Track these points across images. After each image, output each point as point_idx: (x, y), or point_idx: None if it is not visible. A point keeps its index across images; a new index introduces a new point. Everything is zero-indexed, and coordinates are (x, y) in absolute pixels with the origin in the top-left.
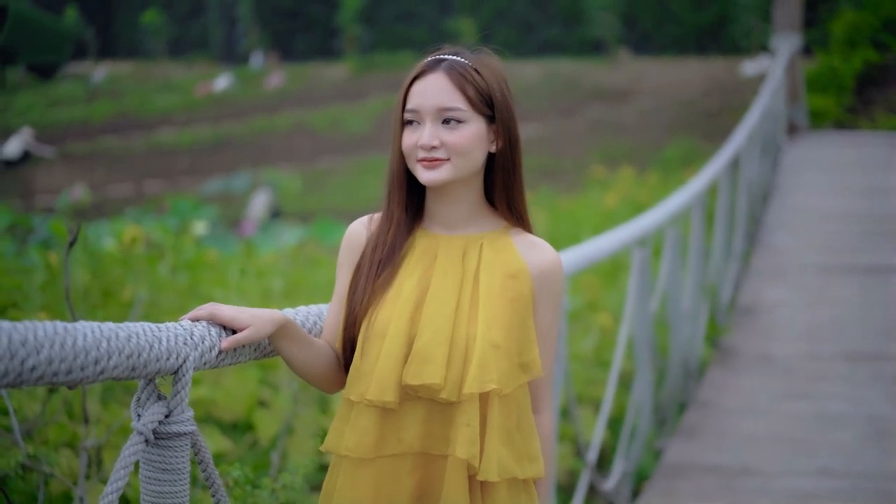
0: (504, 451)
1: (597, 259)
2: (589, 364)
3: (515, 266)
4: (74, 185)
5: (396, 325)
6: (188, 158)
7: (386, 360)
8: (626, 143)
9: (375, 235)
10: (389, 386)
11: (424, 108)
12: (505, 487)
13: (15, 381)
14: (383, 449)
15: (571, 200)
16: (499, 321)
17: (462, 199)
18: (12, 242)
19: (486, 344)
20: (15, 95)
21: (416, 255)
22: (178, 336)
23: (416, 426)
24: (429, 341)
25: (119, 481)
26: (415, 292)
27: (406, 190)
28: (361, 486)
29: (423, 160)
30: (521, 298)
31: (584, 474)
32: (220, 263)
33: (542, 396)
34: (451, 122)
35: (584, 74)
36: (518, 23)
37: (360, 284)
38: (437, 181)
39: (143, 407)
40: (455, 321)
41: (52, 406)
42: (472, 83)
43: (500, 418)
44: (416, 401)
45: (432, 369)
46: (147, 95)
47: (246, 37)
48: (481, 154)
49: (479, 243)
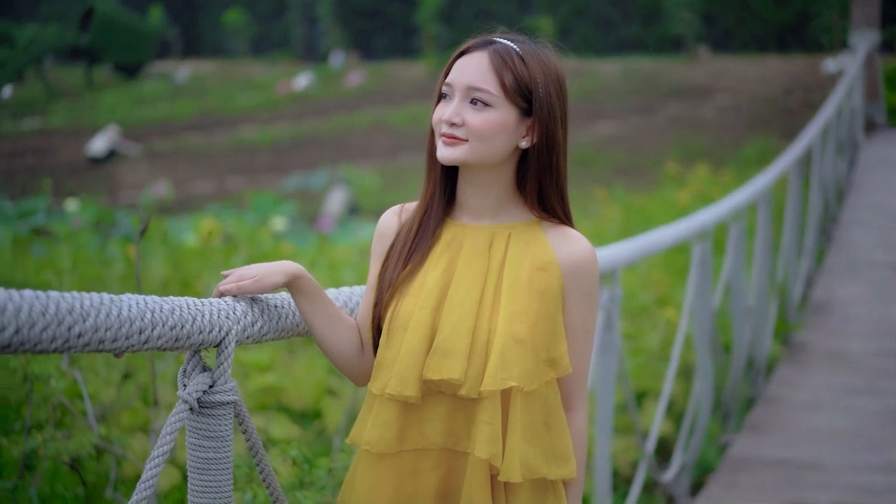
0: (530, 451)
1: (653, 251)
2: (654, 358)
3: (545, 258)
4: (158, 181)
5: (418, 318)
6: (269, 156)
7: (407, 353)
8: (704, 141)
9: (407, 224)
10: (410, 380)
11: (457, 84)
12: (529, 488)
13: (62, 346)
14: (405, 443)
15: (645, 197)
16: (524, 315)
17: (490, 189)
18: (97, 236)
19: (507, 338)
20: (101, 94)
21: (441, 245)
22: (220, 310)
23: (438, 421)
24: (450, 335)
25: (165, 446)
26: (438, 284)
27: (441, 175)
28: (382, 481)
29: (444, 135)
30: (549, 291)
31: (642, 465)
32: (294, 256)
33: (574, 394)
34: (478, 104)
35: (663, 72)
36: (597, 20)
37: (387, 274)
38: (449, 159)
39: (189, 377)
40: (478, 314)
41: (126, 391)
42: (513, 70)
43: (524, 416)
44: (438, 395)
45: (452, 364)
46: (229, 94)
47: (326, 36)
48: (505, 144)
49: (507, 234)
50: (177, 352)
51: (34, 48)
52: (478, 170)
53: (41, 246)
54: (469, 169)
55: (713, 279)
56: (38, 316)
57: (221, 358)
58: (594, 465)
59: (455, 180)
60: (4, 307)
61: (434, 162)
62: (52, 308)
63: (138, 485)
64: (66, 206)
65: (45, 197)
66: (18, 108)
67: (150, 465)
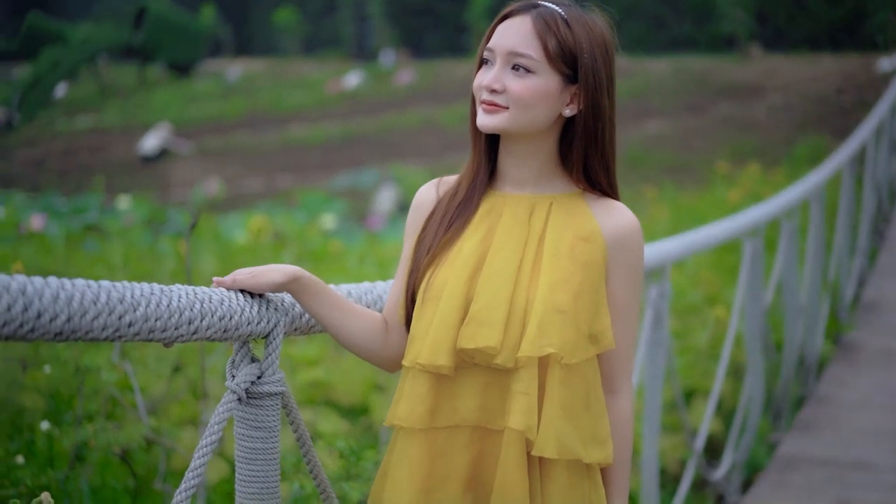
0: (567, 429)
1: (703, 248)
2: (703, 357)
3: (588, 228)
4: (209, 179)
5: (453, 287)
6: (319, 154)
7: (440, 323)
8: (755, 140)
9: (449, 193)
10: (443, 350)
11: (498, 49)
12: (565, 470)
13: (113, 335)
14: (437, 420)
15: (695, 196)
16: (566, 285)
17: (531, 158)
18: (148, 233)
19: (547, 307)
20: (153, 92)
21: (480, 214)
22: (269, 302)
23: (472, 396)
24: (486, 303)
25: (213, 435)
26: (475, 253)
27: (484, 144)
28: (414, 460)
29: (484, 102)
30: (592, 263)
31: (691, 463)
32: (343, 254)
33: (619, 375)
34: (520, 70)
35: (715, 71)
36: (648, 18)
37: (425, 242)
38: (489, 127)
39: (237, 368)
40: (516, 283)
41: (176, 384)
42: (557, 35)
43: (562, 391)
44: (473, 368)
45: (488, 332)
46: (280, 93)
47: (376, 34)
48: (547, 112)
49: (549, 203)
50: (225, 343)
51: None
52: (519, 138)
53: (94, 242)
54: (510, 138)
55: (764, 277)
56: (90, 304)
57: (269, 349)
58: (641, 462)
59: (498, 149)
60: (57, 295)
61: (477, 130)
62: (104, 297)
63: (187, 473)
64: (118, 203)
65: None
66: (72, 107)
67: (198, 455)
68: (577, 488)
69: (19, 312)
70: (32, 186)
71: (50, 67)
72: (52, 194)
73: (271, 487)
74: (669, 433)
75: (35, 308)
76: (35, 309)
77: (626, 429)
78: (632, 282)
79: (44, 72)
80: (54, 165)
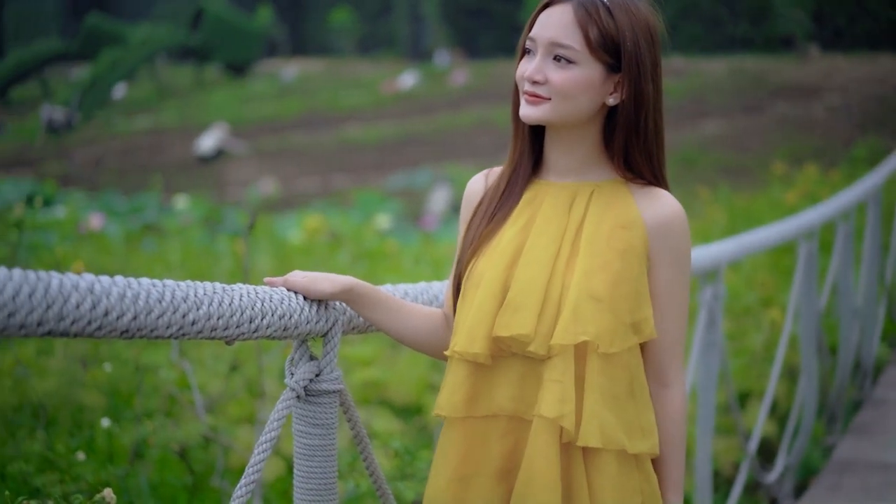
0: (610, 418)
1: (758, 249)
2: (758, 359)
3: (628, 216)
4: (264, 178)
5: (491, 275)
6: (374, 154)
7: (477, 310)
8: (813, 141)
9: (494, 184)
10: (478, 337)
11: (539, 39)
12: (615, 461)
13: (177, 333)
14: (475, 409)
15: (751, 197)
16: (604, 273)
17: (576, 147)
18: (205, 232)
19: (583, 294)
20: (210, 93)
21: (523, 203)
22: (327, 302)
23: (508, 386)
24: (521, 290)
25: (272, 432)
26: (514, 241)
27: (528, 133)
28: (452, 448)
29: (526, 93)
30: (632, 251)
31: (744, 465)
32: (398, 253)
33: (669, 366)
34: (562, 61)
35: (772, 71)
36: (704, 19)
37: (470, 233)
38: (531, 118)
39: (296, 366)
40: (553, 270)
41: (233, 383)
42: (598, 24)
43: (603, 380)
44: (511, 358)
45: (522, 319)
46: (335, 93)
47: (431, 35)
48: (590, 102)
49: (590, 191)
50: (283, 342)
51: (146, 48)
52: (563, 128)
53: (151, 241)
54: (554, 127)
55: (820, 279)
56: (155, 303)
57: (328, 348)
58: (695, 464)
59: (543, 138)
60: (124, 294)
61: (520, 120)
62: (168, 296)
63: (246, 469)
64: (175, 203)
65: (156, 193)
66: (130, 107)
67: (258, 451)
68: (628, 480)
69: (88, 310)
70: (91, 185)
71: (109, 68)
72: (110, 193)
73: (329, 484)
74: (723, 435)
75: (103, 306)
76: (103, 307)
77: (680, 421)
78: (676, 271)
79: (103, 72)
80: (113, 165)
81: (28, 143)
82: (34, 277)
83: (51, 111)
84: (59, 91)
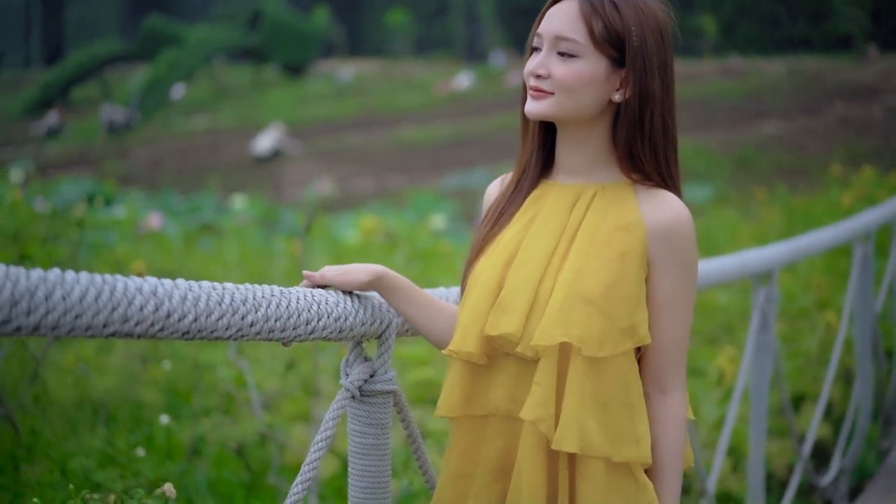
0: (592, 424)
1: (812, 252)
2: (813, 362)
3: (629, 217)
4: (320, 179)
5: (488, 274)
6: (429, 154)
7: (471, 309)
8: (871, 143)
9: (504, 188)
10: (472, 336)
11: (545, 34)
12: (602, 469)
13: (236, 334)
14: (471, 408)
15: (809, 199)
16: (599, 274)
17: (584, 146)
18: (262, 232)
19: (570, 294)
20: (267, 93)
21: (527, 204)
22: (382, 303)
23: (503, 386)
24: (513, 290)
25: (327, 431)
26: (514, 240)
27: (537, 133)
28: (454, 447)
29: (530, 88)
30: (630, 253)
31: (798, 467)
32: (453, 254)
33: (668, 375)
34: (566, 56)
35: (830, 71)
36: (762, 19)
37: (477, 238)
38: (535, 114)
39: (351, 367)
40: (546, 270)
41: (289, 381)
42: (603, 18)
43: (588, 384)
44: (506, 358)
45: (510, 319)
46: (391, 93)
47: (487, 36)
48: (594, 97)
49: (594, 192)
50: (340, 342)
51: (204, 49)
52: (569, 125)
53: (209, 241)
54: (563, 125)
55: (876, 282)
56: (215, 305)
57: (382, 349)
58: (748, 466)
59: (553, 141)
60: (185, 297)
61: (528, 120)
62: (228, 298)
63: (302, 467)
64: (232, 203)
65: (213, 193)
66: (188, 107)
67: (313, 449)
68: (617, 489)
69: (151, 312)
70: (150, 185)
71: (168, 69)
72: (169, 193)
73: (382, 483)
74: (778, 438)
75: (165, 308)
76: (165, 309)
77: (677, 429)
78: (678, 276)
79: (162, 73)
80: (171, 165)
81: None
82: (100, 281)
83: (111, 111)
84: (118, 91)
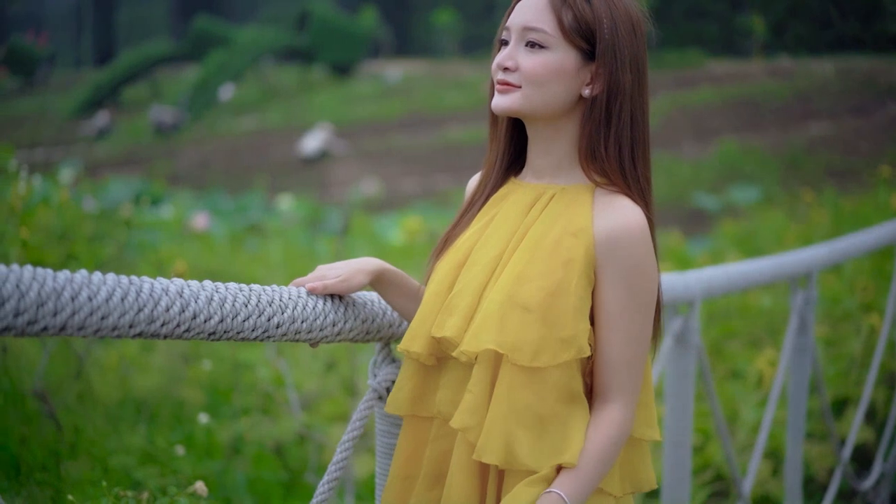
0: (521, 436)
1: (852, 255)
2: (856, 365)
3: (579, 223)
4: (367, 179)
5: (441, 275)
6: (475, 155)
7: (422, 310)
8: None
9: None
10: (419, 337)
11: (513, 27)
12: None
13: (262, 335)
14: (419, 408)
15: (856, 201)
16: (541, 281)
17: (553, 145)
18: (307, 233)
19: (506, 299)
20: (314, 93)
21: (489, 205)
22: None
23: (447, 389)
24: (459, 292)
25: (354, 431)
26: (469, 241)
27: (505, 131)
28: (401, 447)
29: (498, 82)
30: (576, 261)
31: (837, 471)
32: None
33: (612, 387)
34: (535, 47)
35: (881, 72)
36: (812, 18)
37: (441, 236)
38: (501, 108)
39: (379, 368)
40: (493, 273)
41: (328, 382)
42: (573, 9)
43: (524, 395)
44: (454, 361)
45: (453, 321)
46: (438, 94)
47: None
48: (563, 91)
49: (552, 194)
50: (368, 343)
51: (253, 49)
52: (539, 123)
53: (254, 241)
54: (531, 123)
55: None
56: (241, 307)
57: None
58: (784, 469)
59: (524, 140)
60: (211, 298)
61: (496, 118)
62: (254, 300)
63: (329, 466)
64: (279, 203)
65: (261, 193)
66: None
67: (340, 449)
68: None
69: (177, 313)
70: (198, 185)
71: (216, 69)
72: (216, 193)
73: None
74: (819, 441)
75: (191, 309)
76: (191, 310)
77: (608, 436)
78: (625, 287)
79: (211, 74)
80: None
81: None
82: (126, 282)
83: (160, 112)
84: (168, 92)
